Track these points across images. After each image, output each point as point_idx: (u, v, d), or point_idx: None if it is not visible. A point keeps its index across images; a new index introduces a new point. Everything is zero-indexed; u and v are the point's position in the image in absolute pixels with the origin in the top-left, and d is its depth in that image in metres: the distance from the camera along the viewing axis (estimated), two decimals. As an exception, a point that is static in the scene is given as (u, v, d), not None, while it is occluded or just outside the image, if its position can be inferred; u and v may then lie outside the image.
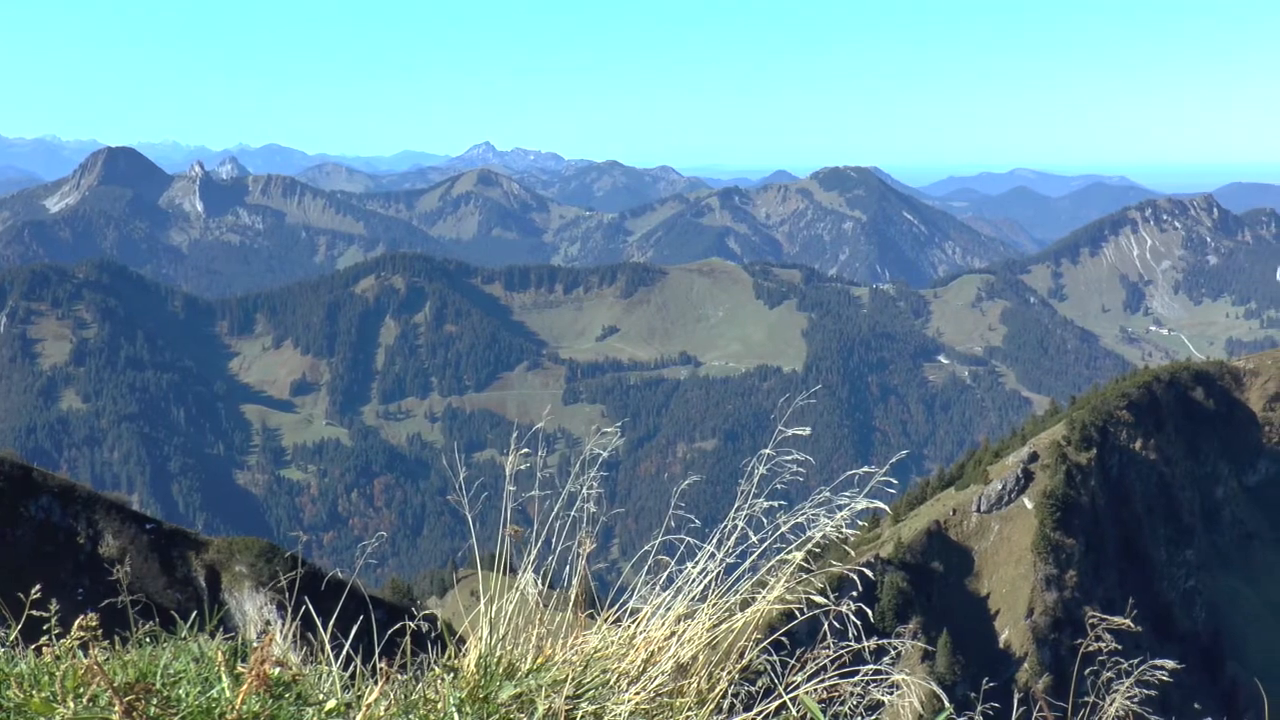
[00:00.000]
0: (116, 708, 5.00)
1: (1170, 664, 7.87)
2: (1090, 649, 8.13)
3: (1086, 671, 8.13)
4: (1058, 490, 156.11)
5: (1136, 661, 8.03)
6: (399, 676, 6.25)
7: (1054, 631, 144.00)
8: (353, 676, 6.29)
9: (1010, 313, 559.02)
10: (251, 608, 79.61)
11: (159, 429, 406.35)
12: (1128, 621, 8.26)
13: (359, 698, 5.95)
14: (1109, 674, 8.00)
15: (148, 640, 6.46)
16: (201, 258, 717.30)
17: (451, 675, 6.42)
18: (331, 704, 5.73)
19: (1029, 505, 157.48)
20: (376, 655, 6.41)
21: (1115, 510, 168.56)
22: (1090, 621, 8.37)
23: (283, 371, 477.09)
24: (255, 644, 5.92)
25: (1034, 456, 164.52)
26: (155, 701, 5.20)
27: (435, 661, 6.61)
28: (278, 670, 5.63)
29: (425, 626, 7.18)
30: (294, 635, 7.18)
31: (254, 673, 5.37)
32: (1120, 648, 8.15)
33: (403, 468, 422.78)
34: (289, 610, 7.77)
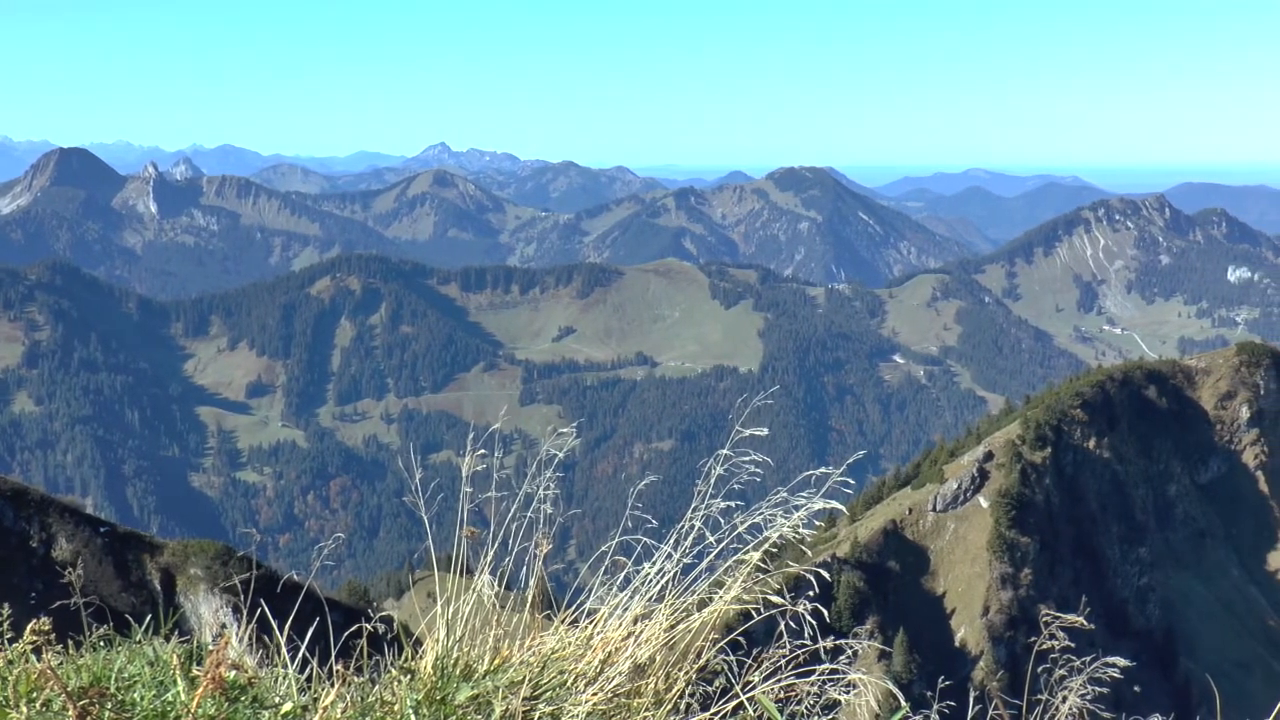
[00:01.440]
0: (70, 712, 4.98)
1: (1122, 661, 7.92)
2: (1044, 647, 8.18)
3: (1040, 669, 8.18)
4: (1013, 489, 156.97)
5: (1089, 659, 8.08)
6: (356, 679, 6.24)
7: (1009, 630, 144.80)
8: (309, 679, 6.27)
9: (965, 312, 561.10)
10: (207, 610, 79.19)
11: (113, 432, 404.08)
12: (1081, 619, 8.32)
13: (315, 700, 5.94)
14: (1062, 672, 8.05)
15: (102, 644, 6.43)
16: (155, 259, 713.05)
17: (408, 677, 6.41)
18: (288, 706, 5.71)
19: (984, 504, 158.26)
20: (333, 657, 6.39)
21: (1070, 509, 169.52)
22: (1044, 619, 8.42)
23: (238, 373, 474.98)
24: (211, 647, 5.90)
25: (989, 456, 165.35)
26: (110, 706, 5.17)
27: (392, 663, 6.59)
28: (233, 673, 5.61)
29: (382, 628, 7.16)
30: (250, 638, 7.16)
31: (209, 676, 5.35)
32: (1074, 645, 8.20)
33: (359, 469, 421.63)
34: (245, 613, 7.74)
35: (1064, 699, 7.96)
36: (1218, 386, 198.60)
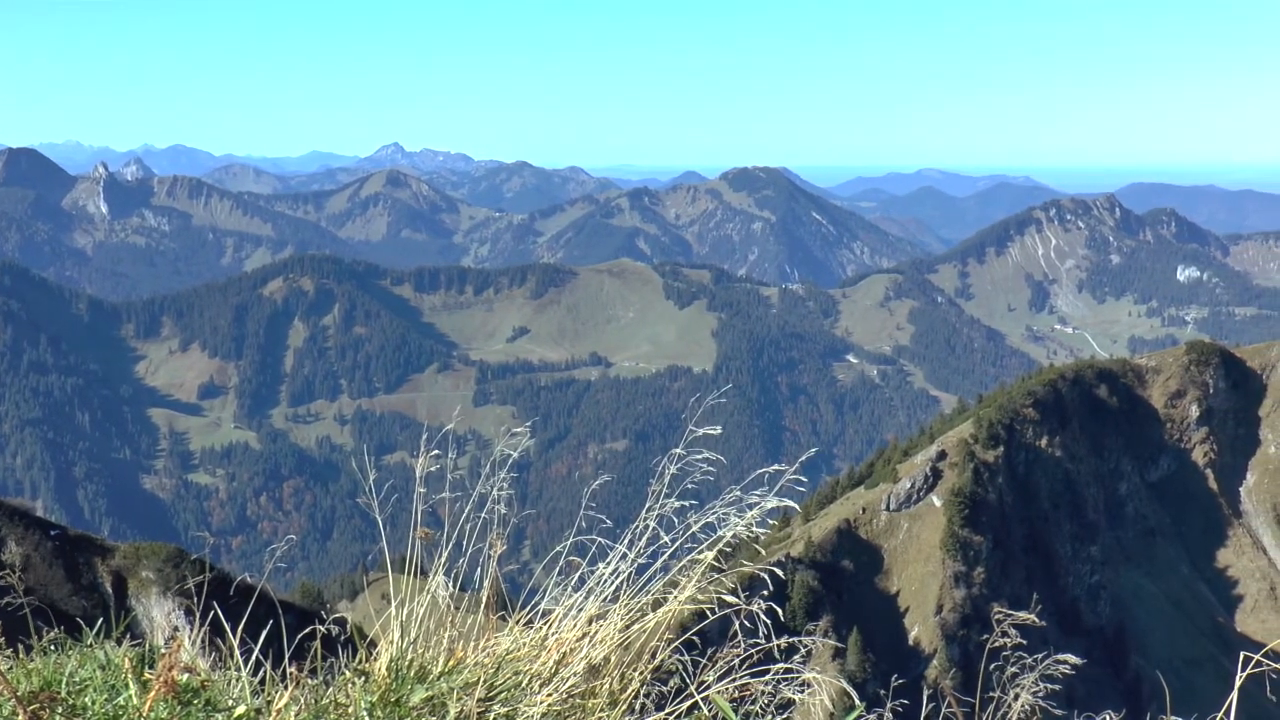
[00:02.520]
0: (20, 716, 4.94)
1: (1073, 659, 7.97)
2: (997, 644, 8.22)
3: (993, 667, 8.22)
4: (965, 488, 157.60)
5: (1041, 656, 8.13)
6: (309, 681, 6.22)
7: (962, 628, 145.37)
8: (262, 682, 6.24)
9: (918, 312, 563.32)
10: (159, 613, 78.75)
11: (63, 434, 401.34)
12: (1033, 617, 8.37)
13: (269, 703, 5.92)
14: (1014, 669, 8.09)
15: (52, 648, 6.39)
16: (106, 260, 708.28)
17: (362, 679, 6.40)
18: (241, 709, 5.69)
19: (937, 503, 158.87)
20: (286, 660, 6.37)
21: (1022, 507, 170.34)
22: (997, 617, 8.46)
23: (190, 374, 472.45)
24: (163, 650, 5.87)
25: (942, 455, 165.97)
26: (60, 710, 5.15)
27: (346, 665, 6.58)
28: (186, 676, 5.58)
29: (336, 630, 7.15)
30: (202, 641, 7.13)
31: (161, 679, 5.32)
32: (1026, 643, 8.25)
33: (312, 471, 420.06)
34: (197, 615, 7.72)
35: (1016, 697, 8.00)
36: (1168, 385, 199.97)
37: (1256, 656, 6.42)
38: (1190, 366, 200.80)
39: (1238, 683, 6.31)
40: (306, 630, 7.01)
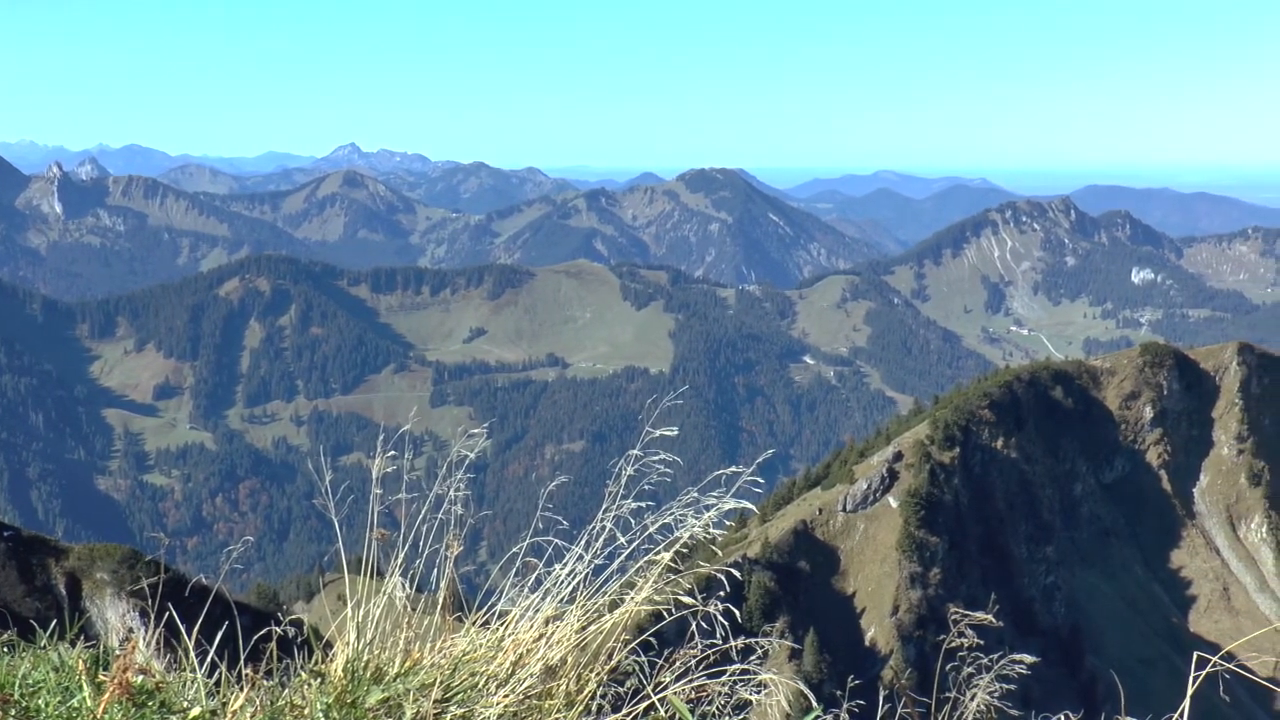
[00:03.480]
0: (-26, 719, 4.91)
1: (1028, 658, 8.00)
2: (953, 645, 8.26)
3: (949, 667, 8.25)
4: (922, 489, 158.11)
5: (997, 656, 8.16)
6: (265, 683, 6.20)
7: (918, 628, 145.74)
8: (218, 683, 6.22)
9: (874, 313, 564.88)
10: (113, 615, 78.25)
11: (17, 435, 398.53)
12: (989, 617, 8.40)
13: (224, 704, 5.89)
14: (970, 669, 8.13)
15: (5, 650, 6.36)
16: (60, 260, 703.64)
17: (318, 680, 6.38)
18: (196, 711, 5.67)
19: (894, 504, 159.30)
20: (242, 661, 6.34)
21: (978, 508, 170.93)
22: (953, 617, 8.49)
23: (145, 375, 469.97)
24: (117, 652, 5.84)
25: (898, 456, 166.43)
26: (14, 712, 5.11)
27: (302, 667, 6.55)
28: (141, 678, 5.55)
29: (291, 632, 7.12)
30: (158, 642, 7.09)
31: (116, 681, 5.30)
32: (982, 643, 8.28)
33: (268, 471, 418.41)
34: (152, 617, 7.67)
35: (972, 697, 8.03)
36: (1122, 387, 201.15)
37: (1211, 659, 6.46)
38: (1144, 368, 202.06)
39: (1192, 684, 6.36)
40: (262, 632, 6.99)
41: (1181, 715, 6.46)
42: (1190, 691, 6.34)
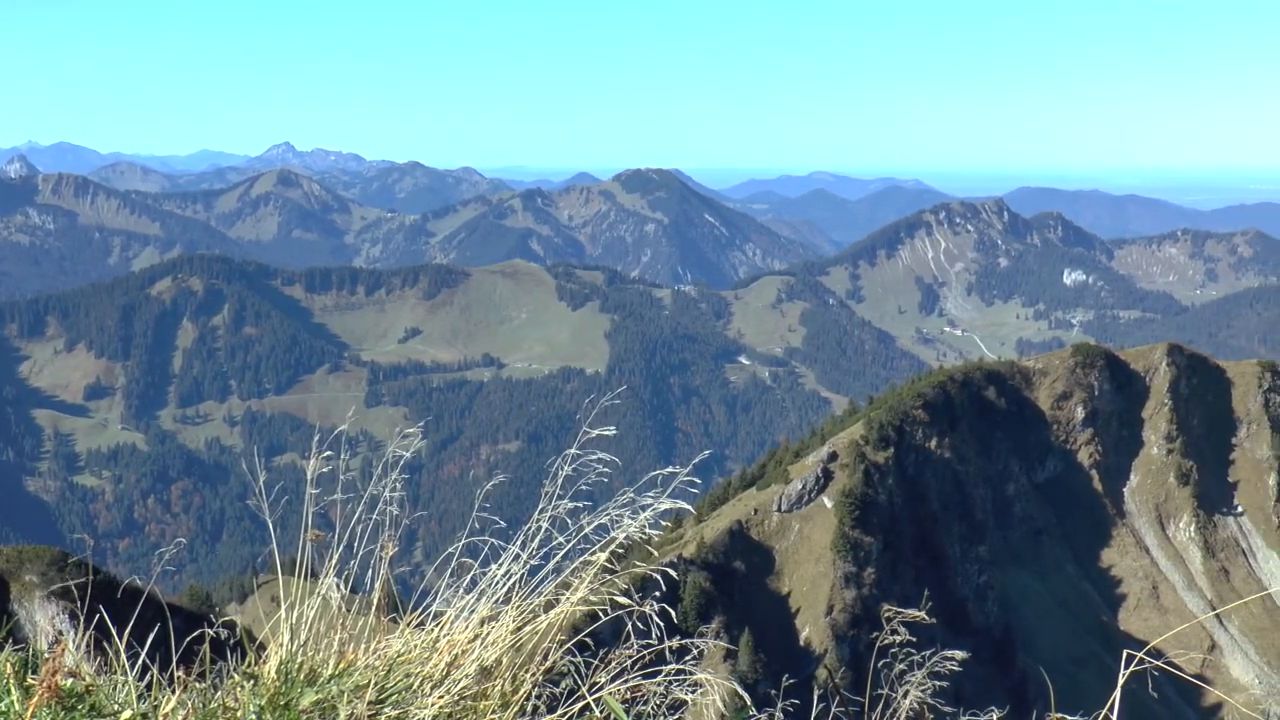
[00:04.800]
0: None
1: (959, 654, 8.06)
2: (885, 642, 8.29)
3: (881, 664, 8.29)
4: (856, 489, 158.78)
5: (929, 653, 8.21)
6: (197, 685, 6.15)
7: (853, 628, 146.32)
8: (149, 686, 6.17)
9: (809, 314, 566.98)
10: (42, 618, 77.53)
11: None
12: (921, 614, 8.44)
13: (156, 707, 5.85)
14: (902, 666, 8.17)
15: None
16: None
17: (251, 682, 6.34)
18: (127, 714, 5.62)
19: (828, 504, 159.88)
20: (174, 664, 6.30)
21: (912, 508, 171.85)
22: (886, 615, 8.53)
23: (76, 375, 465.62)
24: (46, 655, 5.79)
25: (833, 456, 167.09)
26: (-59, 716, 5.06)
27: (235, 669, 6.51)
28: (70, 681, 5.51)
29: (224, 633, 7.08)
30: (87, 645, 7.03)
31: (45, 684, 5.25)
32: (915, 640, 8.33)
33: (201, 472, 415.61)
34: (82, 619, 7.60)
35: (904, 694, 8.08)
36: (1054, 387, 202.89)
37: (1139, 655, 6.52)
38: (1076, 369, 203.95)
39: (1121, 681, 6.41)
40: (194, 633, 6.94)
41: (1111, 712, 6.52)
42: (1119, 688, 6.39)
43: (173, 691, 5.94)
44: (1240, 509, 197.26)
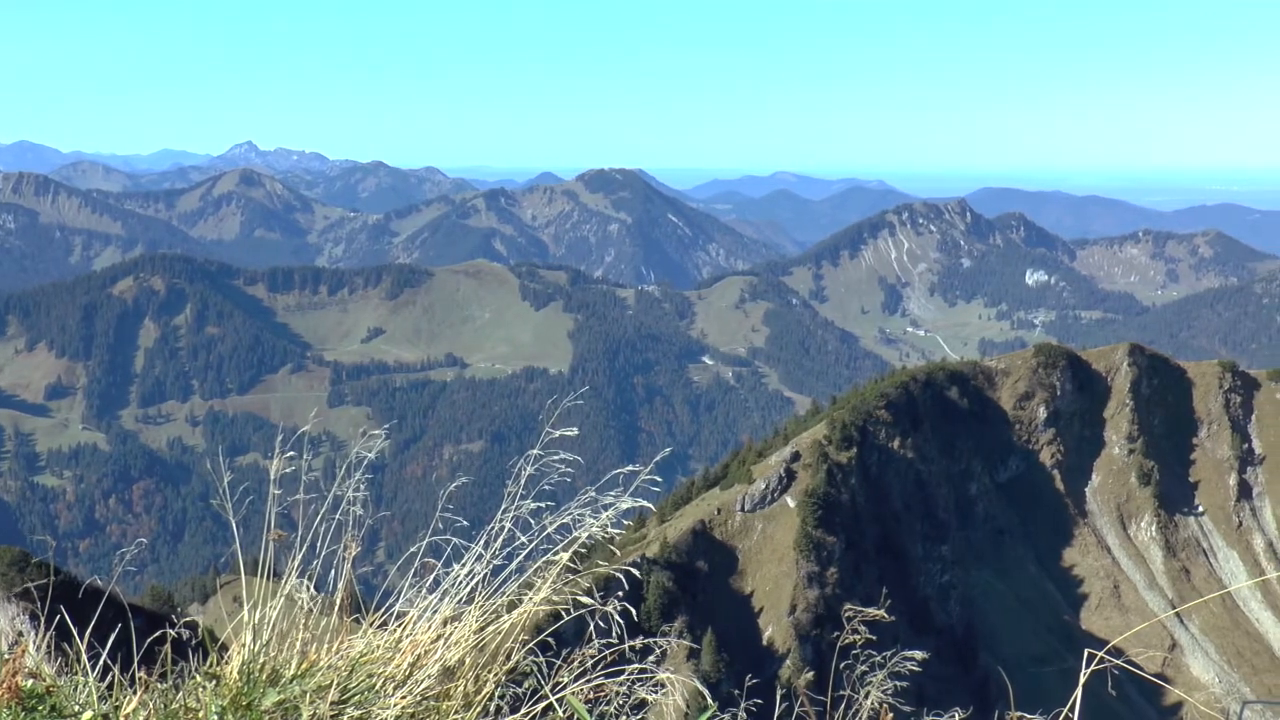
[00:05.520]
0: None
1: (919, 654, 8.10)
2: (847, 641, 8.32)
3: (843, 665, 8.32)
4: (819, 489, 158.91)
5: (890, 654, 8.24)
6: (159, 685, 6.14)
7: (816, 628, 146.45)
8: (110, 687, 6.15)
9: (773, 314, 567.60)
10: (3, 619, 77.04)
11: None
12: (882, 612, 8.47)
13: (117, 708, 5.84)
14: (863, 667, 8.20)
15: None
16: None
17: (213, 683, 6.33)
18: (88, 715, 5.61)
19: (791, 504, 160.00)
20: (135, 664, 6.28)
21: (875, 508, 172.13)
22: (847, 614, 8.56)
23: (36, 375, 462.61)
24: (7, 655, 5.77)
25: (796, 456, 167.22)
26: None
27: (196, 670, 6.50)
28: (30, 682, 5.49)
29: (186, 634, 7.05)
30: (48, 645, 7.01)
31: (5, 685, 5.23)
32: (877, 640, 8.36)
33: (163, 472, 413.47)
34: (42, 620, 7.57)
35: (866, 694, 8.11)
36: (1016, 387, 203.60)
37: (1099, 654, 6.56)
38: (1038, 369, 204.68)
39: (1082, 679, 6.45)
40: (156, 634, 6.92)
41: (1072, 711, 6.56)
42: (1080, 687, 6.43)
43: (134, 692, 5.93)
44: (1201, 509, 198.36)
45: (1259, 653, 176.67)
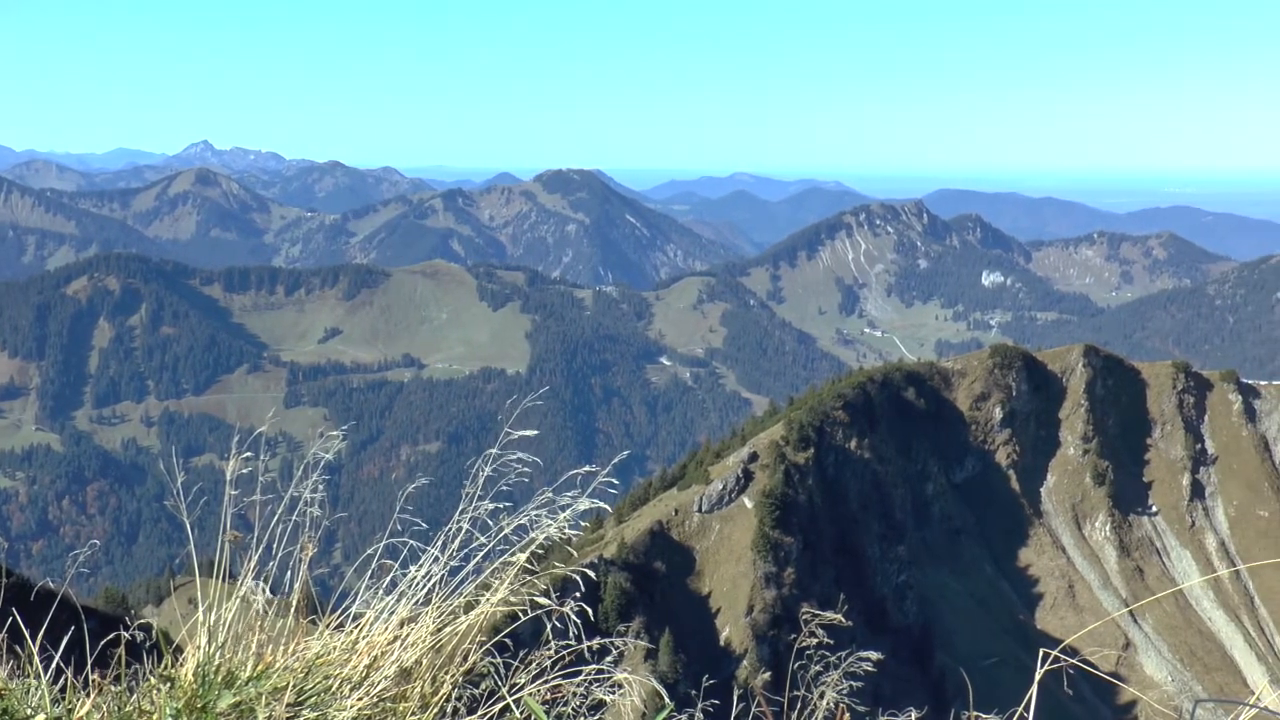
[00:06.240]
0: None
1: (874, 655, 8.12)
2: (803, 644, 8.34)
3: (798, 665, 8.33)
4: (776, 489, 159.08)
5: (845, 654, 8.26)
6: (113, 688, 6.10)
7: (773, 628, 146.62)
8: (63, 689, 6.11)
9: (730, 315, 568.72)
10: (-45, 621, 76.46)
11: None
12: (839, 616, 8.49)
13: (70, 711, 5.80)
14: (818, 667, 8.22)
15: None
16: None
17: (168, 685, 6.30)
18: (40, 718, 5.57)
19: (749, 504, 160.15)
20: (89, 667, 6.24)
21: (832, 508, 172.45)
22: (804, 617, 8.58)
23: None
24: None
25: (753, 456, 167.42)
26: None
27: (151, 672, 6.46)
28: (-17, 685, 5.45)
29: (140, 636, 7.01)
30: (0, 648, 6.95)
31: (-42, 688, 5.19)
32: (832, 641, 8.37)
33: (117, 473, 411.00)
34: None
35: (821, 695, 8.12)
36: (972, 388, 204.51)
37: (1053, 653, 6.59)
38: (994, 370, 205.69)
39: (1037, 678, 6.47)
40: (110, 636, 6.87)
41: (1027, 709, 6.59)
42: (1035, 686, 6.46)
43: (88, 695, 5.89)
44: (1154, 508, 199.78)
45: (1211, 651, 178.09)
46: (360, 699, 6.62)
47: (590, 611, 7.48)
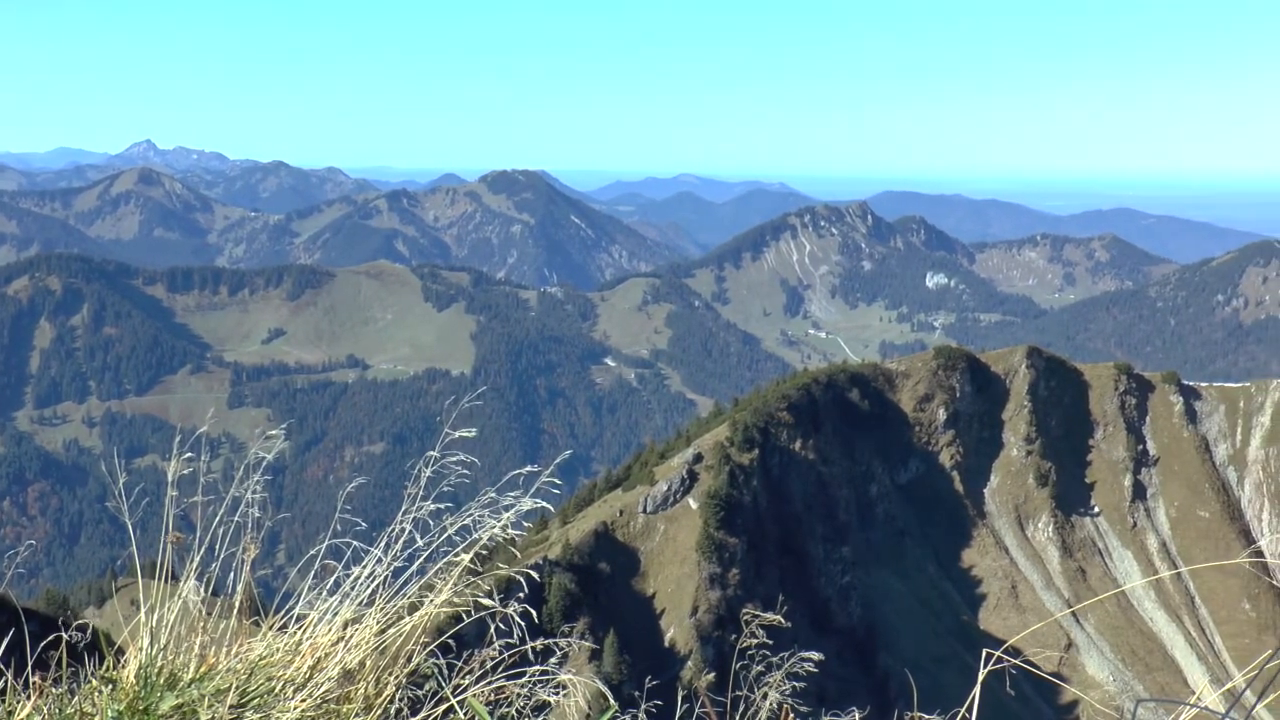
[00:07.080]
0: None
1: (815, 655, 8.17)
2: (745, 644, 8.38)
3: (740, 666, 8.36)
4: (721, 490, 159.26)
5: (787, 655, 8.30)
6: (53, 690, 6.07)
7: (717, 629, 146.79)
8: (3, 692, 6.08)
9: (675, 316, 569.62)
10: (-107, 623, 75.71)
11: None
12: (779, 617, 8.53)
13: (10, 713, 5.77)
14: (760, 668, 8.25)
15: None
16: None
17: (109, 687, 6.27)
18: (-19, 721, 5.54)
19: (694, 505, 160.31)
20: (29, 669, 6.21)
21: (776, 509, 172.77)
22: (745, 618, 8.61)
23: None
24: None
25: (698, 457, 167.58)
26: None
27: (92, 674, 6.43)
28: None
29: (81, 637, 6.98)
30: (-61, 651, 6.90)
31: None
32: (773, 642, 8.41)
33: (58, 474, 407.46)
34: (-66, 625, 7.46)
35: (763, 695, 8.15)
36: (916, 389, 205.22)
37: (996, 653, 6.64)
38: (938, 371, 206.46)
39: (980, 679, 6.52)
40: (50, 638, 6.84)
41: (970, 710, 6.63)
42: (978, 686, 6.51)
43: (28, 697, 5.86)
44: (1097, 509, 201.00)
45: (1152, 651, 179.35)
46: (304, 700, 6.61)
47: (535, 613, 7.50)
